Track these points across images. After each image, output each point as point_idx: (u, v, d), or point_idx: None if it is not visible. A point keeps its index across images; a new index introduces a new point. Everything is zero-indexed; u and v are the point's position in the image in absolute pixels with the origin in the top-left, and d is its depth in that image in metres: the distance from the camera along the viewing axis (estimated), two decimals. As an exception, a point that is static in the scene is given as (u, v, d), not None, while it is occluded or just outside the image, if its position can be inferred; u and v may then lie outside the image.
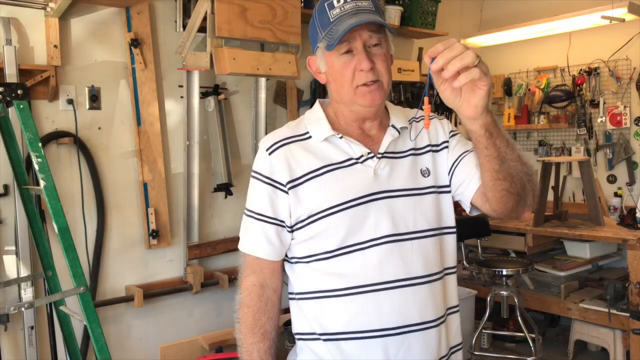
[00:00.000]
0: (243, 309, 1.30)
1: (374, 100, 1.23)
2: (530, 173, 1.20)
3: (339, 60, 1.23)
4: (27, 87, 2.13)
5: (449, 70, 1.01)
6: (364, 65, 1.19)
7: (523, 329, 3.19)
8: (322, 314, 1.26)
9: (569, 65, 4.06)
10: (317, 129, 1.29)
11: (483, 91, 1.04)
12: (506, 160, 1.14)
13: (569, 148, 4.15)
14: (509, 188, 1.17)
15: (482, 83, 1.03)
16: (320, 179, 1.25)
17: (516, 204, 1.21)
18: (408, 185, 1.27)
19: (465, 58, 1.00)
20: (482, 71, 1.01)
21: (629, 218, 3.40)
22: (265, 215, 1.28)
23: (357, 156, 1.26)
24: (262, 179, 1.28)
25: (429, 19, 3.80)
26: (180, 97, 2.97)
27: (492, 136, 1.11)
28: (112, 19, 2.75)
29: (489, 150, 1.12)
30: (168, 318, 2.95)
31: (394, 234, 1.23)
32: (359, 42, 1.20)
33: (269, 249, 1.29)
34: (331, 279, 1.24)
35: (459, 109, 1.08)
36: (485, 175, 1.18)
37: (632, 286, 3.07)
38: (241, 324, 1.30)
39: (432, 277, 1.25)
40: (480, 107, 1.06)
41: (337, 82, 1.25)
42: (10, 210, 2.48)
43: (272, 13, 2.73)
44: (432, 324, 1.24)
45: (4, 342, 2.48)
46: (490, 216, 1.30)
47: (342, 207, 1.22)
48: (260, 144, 1.33)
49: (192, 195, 2.94)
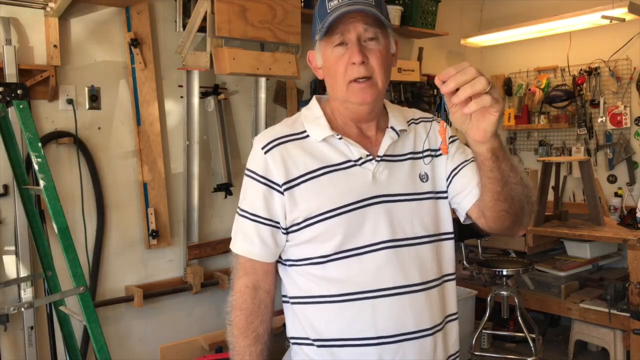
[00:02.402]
0: (235, 311, 1.26)
1: (365, 99, 1.19)
2: (530, 195, 1.19)
3: (332, 53, 1.19)
4: (27, 87, 2.12)
5: (460, 97, 0.97)
6: (354, 58, 1.15)
7: (523, 329, 3.18)
8: (316, 320, 1.23)
9: (569, 65, 4.06)
10: (316, 129, 1.25)
11: (494, 117, 1.01)
12: (509, 184, 1.12)
13: (569, 148, 4.15)
14: (508, 209, 1.16)
15: (494, 110, 1.00)
16: (317, 181, 1.21)
17: (512, 224, 1.20)
18: (406, 190, 1.24)
19: (476, 85, 0.96)
20: (493, 98, 0.97)
21: (629, 218, 3.40)
22: (260, 216, 1.25)
23: (356, 158, 1.23)
24: (257, 178, 1.25)
25: (429, 19, 3.80)
26: (180, 97, 2.96)
27: (498, 160, 1.09)
28: (112, 19, 2.75)
29: (493, 173, 1.10)
30: (168, 318, 2.95)
31: (391, 239, 1.20)
32: (352, 34, 1.17)
33: (263, 250, 1.25)
34: (327, 284, 1.21)
35: (468, 131, 1.06)
36: (486, 195, 1.16)
37: (633, 286, 3.07)
38: (233, 327, 1.27)
39: (429, 284, 1.23)
40: (489, 132, 1.03)
41: (331, 77, 1.22)
42: (10, 210, 2.48)
43: (272, 13, 2.73)
44: (429, 332, 1.22)
45: (3, 342, 2.48)
46: (484, 230, 1.28)
47: (339, 211, 1.19)
48: (255, 141, 1.29)
49: (192, 195, 2.94)
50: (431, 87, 4.10)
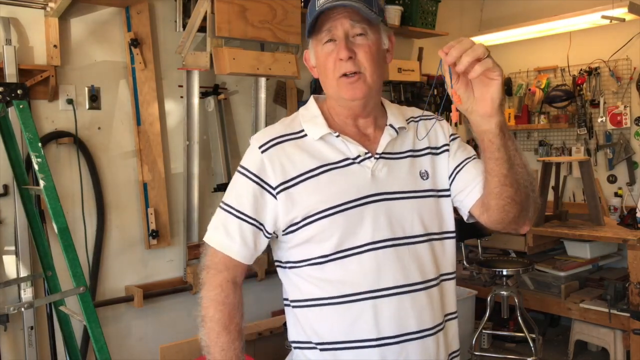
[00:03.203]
0: (217, 306, 1.23)
1: (355, 94, 1.18)
2: (533, 184, 1.19)
3: (322, 50, 1.20)
4: (27, 87, 2.12)
5: (463, 62, 1.02)
6: (341, 54, 1.16)
7: (523, 329, 3.18)
8: (318, 323, 1.22)
9: (569, 65, 4.06)
10: (313, 127, 1.24)
11: (497, 81, 1.05)
12: (514, 165, 1.12)
13: (569, 148, 4.15)
14: (514, 196, 1.15)
15: (496, 73, 1.05)
16: (315, 180, 1.20)
17: (518, 213, 1.19)
18: (406, 188, 1.23)
19: (476, 50, 1.03)
20: (493, 61, 1.04)
21: (629, 218, 3.40)
22: (245, 214, 1.22)
23: (354, 156, 1.22)
24: (249, 175, 1.22)
25: (429, 19, 3.80)
26: (180, 97, 2.96)
27: (505, 137, 1.09)
28: (112, 19, 2.75)
29: (501, 153, 1.10)
30: (168, 318, 2.95)
31: (391, 238, 1.19)
32: (340, 30, 1.17)
33: (243, 250, 1.23)
34: (327, 285, 1.20)
35: (474, 108, 1.08)
36: (492, 181, 1.15)
37: (633, 286, 3.07)
38: (214, 323, 1.23)
39: (429, 283, 1.22)
40: (496, 99, 1.06)
41: (322, 74, 1.22)
42: (10, 210, 2.48)
43: (272, 13, 2.73)
44: (430, 332, 1.21)
45: (3, 342, 2.48)
46: (487, 227, 1.26)
47: (338, 209, 1.18)
48: (252, 140, 1.27)
49: (192, 195, 2.94)
50: (431, 87, 4.10)
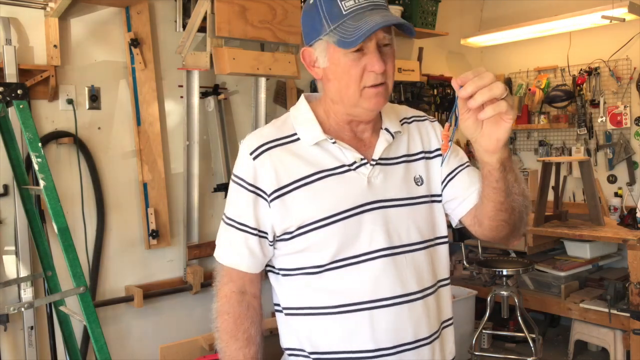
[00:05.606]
0: (223, 316, 1.22)
1: (379, 104, 1.15)
2: (528, 205, 1.18)
3: (346, 58, 1.11)
4: (27, 87, 2.13)
5: (477, 100, 0.96)
6: (376, 66, 1.10)
7: (523, 329, 3.18)
8: (312, 332, 1.19)
9: (569, 65, 4.06)
10: (307, 132, 1.20)
11: (508, 124, 0.99)
12: (511, 194, 1.11)
13: (569, 148, 4.15)
14: (508, 219, 1.16)
15: (508, 117, 0.98)
16: (311, 187, 1.16)
17: (509, 233, 1.20)
18: (402, 195, 1.20)
19: (494, 89, 0.95)
20: (509, 104, 0.97)
21: (629, 218, 3.40)
22: (248, 226, 1.19)
23: (350, 162, 1.18)
24: (245, 185, 1.19)
25: (429, 19, 3.80)
26: (180, 97, 2.96)
27: (505, 170, 1.07)
28: (112, 19, 2.75)
29: (499, 184, 1.09)
30: (168, 318, 2.95)
31: (388, 247, 1.16)
32: (374, 41, 1.11)
33: (251, 261, 1.21)
34: (323, 295, 1.17)
35: (478, 140, 1.03)
36: (488, 205, 1.15)
37: (633, 286, 3.07)
38: (221, 332, 1.22)
39: (426, 292, 1.20)
40: (502, 140, 1.01)
41: (340, 81, 1.14)
42: (10, 210, 2.48)
43: (272, 13, 2.73)
44: (426, 341, 1.19)
45: (3, 342, 2.48)
46: (477, 237, 1.27)
47: (334, 219, 1.14)
48: (242, 145, 1.22)
49: (192, 195, 2.94)
50: (431, 87, 4.10)
